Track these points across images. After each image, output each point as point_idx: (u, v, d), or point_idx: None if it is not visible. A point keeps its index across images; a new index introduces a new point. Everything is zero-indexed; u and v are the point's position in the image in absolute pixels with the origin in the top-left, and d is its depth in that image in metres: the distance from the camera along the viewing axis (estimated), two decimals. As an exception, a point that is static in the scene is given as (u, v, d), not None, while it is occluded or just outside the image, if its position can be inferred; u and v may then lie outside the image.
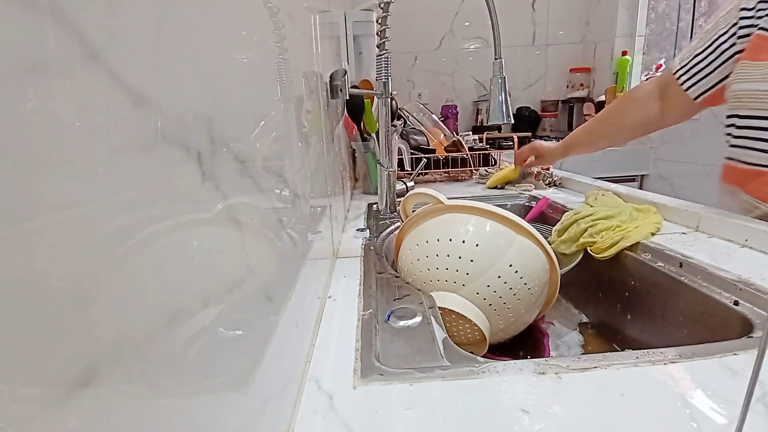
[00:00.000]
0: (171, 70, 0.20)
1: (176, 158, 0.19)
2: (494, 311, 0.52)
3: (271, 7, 0.38)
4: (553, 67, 2.62)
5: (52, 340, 0.12)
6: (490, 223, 0.54)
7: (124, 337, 0.15)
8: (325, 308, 0.50)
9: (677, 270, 0.58)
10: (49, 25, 0.12)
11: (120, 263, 0.15)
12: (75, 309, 0.12)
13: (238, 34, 0.31)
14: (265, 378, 0.27)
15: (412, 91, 2.58)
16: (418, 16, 2.45)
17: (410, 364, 0.38)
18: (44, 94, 0.12)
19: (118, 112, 0.15)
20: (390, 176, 0.91)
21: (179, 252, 0.19)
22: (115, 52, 0.15)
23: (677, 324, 0.56)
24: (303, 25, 0.55)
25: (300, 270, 0.40)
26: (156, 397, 0.17)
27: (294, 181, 0.43)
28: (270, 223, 0.34)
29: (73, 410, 0.12)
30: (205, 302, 0.21)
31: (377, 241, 0.74)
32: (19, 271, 0.11)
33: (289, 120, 0.42)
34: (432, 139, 1.35)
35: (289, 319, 0.34)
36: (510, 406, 0.32)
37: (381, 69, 0.84)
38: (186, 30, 0.22)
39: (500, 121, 0.73)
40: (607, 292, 0.70)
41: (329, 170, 0.67)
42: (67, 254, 0.12)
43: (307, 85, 0.54)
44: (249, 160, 0.30)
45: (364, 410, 0.32)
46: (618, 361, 0.36)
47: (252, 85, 0.33)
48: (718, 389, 0.33)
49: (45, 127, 0.12)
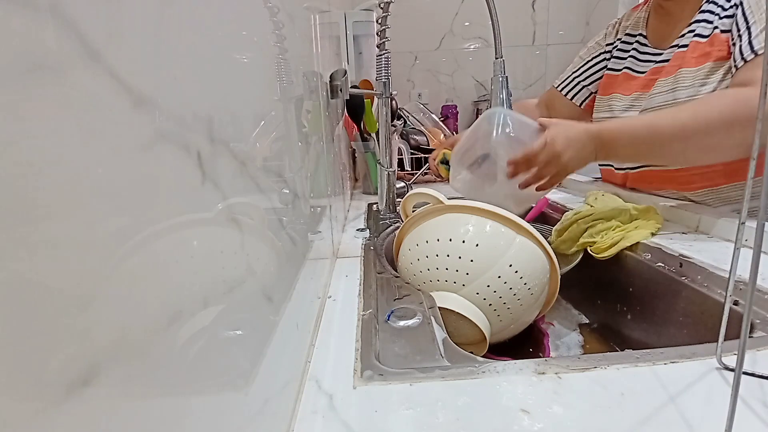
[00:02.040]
0: (171, 70, 0.20)
1: (176, 158, 0.19)
2: (494, 311, 0.52)
3: (271, 7, 0.38)
4: (553, 67, 2.61)
5: (52, 340, 0.12)
6: (490, 223, 0.54)
7: (124, 337, 0.15)
8: (325, 308, 0.50)
9: (677, 270, 0.58)
10: (49, 25, 0.12)
11: (120, 263, 0.15)
12: (75, 309, 0.12)
13: (238, 34, 0.31)
14: (265, 378, 0.27)
15: (412, 91, 2.58)
16: (418, 16, 2.45)
17: (410, 364, 0.38)
18: (44, 94, 0.12)
19: (118, 112, 0.15)
20: (390, 176, 0.91)
21: (179, 252, 0.19)
22: (115, 52, 0.15)
23: (677, 324, 0.56)
24: (303, 25, 0.55)
25: (300, 270, 0.40)
26: (156, 397, 0.17)
27: (294, 181, 0.43)
28: (270, 223, 0.34)
29: (73, 410, 0.12)
30: (205, 302, 0.21)
31: (377, 241, 0.74)
32: (19, 271, 0.11)
33: (289, 120, 0.42)
34: (432, 139, 1.35)
35: (289, 319, 0.34)
36: (510, 406, 0.32)
37: (381, 69, 0.84)
38: (186, 30, 0.22)
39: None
40: (607, 292, 0.70)
41: (329, 170, 0.67)
42: (67, 254, 0.12)
43: (307, 85, 0.54)
44: (249, 160, 0.30)
45: (364, 410, 0.32)
46: (618, 361, 0.36)
47: (252, 85, 0.33)
48: (718, 389, 0.33)
49: (45, 127, 0.12)
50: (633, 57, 0.89)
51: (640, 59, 0.87)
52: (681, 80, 0.76)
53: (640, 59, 0.87)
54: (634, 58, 0.89)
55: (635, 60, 0.88)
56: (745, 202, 0.30)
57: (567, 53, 2.58)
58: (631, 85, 0.87)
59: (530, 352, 0.62)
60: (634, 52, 0.89)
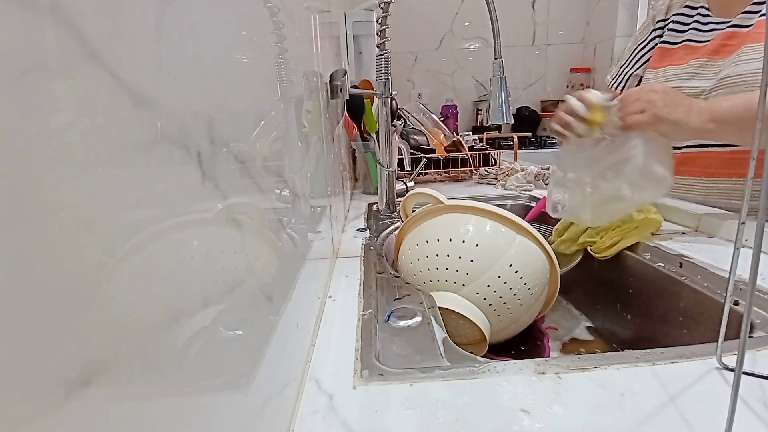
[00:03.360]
0: (171, 70, 0.20)
1: (176, 158, 0.19)
2: (494, 311, 0.52)
3: (271, 7, 0.38)
4: (553, 67, 2.62)
5: (52, 340, 0.12)
6: (490, 223, 0.54)
7: (125, 337, 0.15)
8: (325, 308, 0.50)
9: (677, 270, 0.58)
10: (49, 25, 0.12)
11: (120, 263, 0.15)
12: (75, 309, 0.12)
13: (238, 34, 0.31)
14: (265, 378, 0.27)
15: (412, 91, 2.58)
16: (418, 16, 2.45)
17: (410, 364, 0.38)
18: (44, 94, 0.12)
19: (118, 112, 0.15)
20: (390, 176, 0.91)
21: (179, 252, 0.19)
22: (115, 52, 0.15)
23: (677, 324, 0.56)
24: (303, 25, 0.55)
25: (300, 270, 0.40)
26: (156, 397, 0.17)
27: (294, 181, 0.43)
28: (270, 223, 0.34)
29: (73, 410, 0.12)
30: (205, 302, 0.21)
31: (377, 241, 0.74)
32: (19, 270, 0.11)
33: (289, 120, 0.42)
34: (432, 139, 1.35)
35: (289, 319, 0.34)
36: (510, 406, 0.32)
37: (381, 69, 0.84)
38: (186, 30, 0.22)
39: (500, 121, 0.73)
40: (607, 292, 0.70)
41: (329, 170, 0.67)
42: (67, 254, 0.12)
43: (307, 85, 0.54)
44: (249, 160, 0.30)
45: (364, 410, 0.32)
46: (618, 361, 0.36)
47: (252, 85, 0.33)
48: (718, 389, 0.33)
49: (45, 126, 0.12)
50: (695, 29, 0.84)
51: (703, 29, 0.83)
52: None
53: (702, 30, 0.83)
54: (696, 29, 0.84)
55: (697, 31, 0.84)
56: (744, 202, 0.30)
57: (567, 53, 2.59)
58: (693, 54, 0.83)
59: (530, 352, 0.62)
60: (696, 24, 0.84)
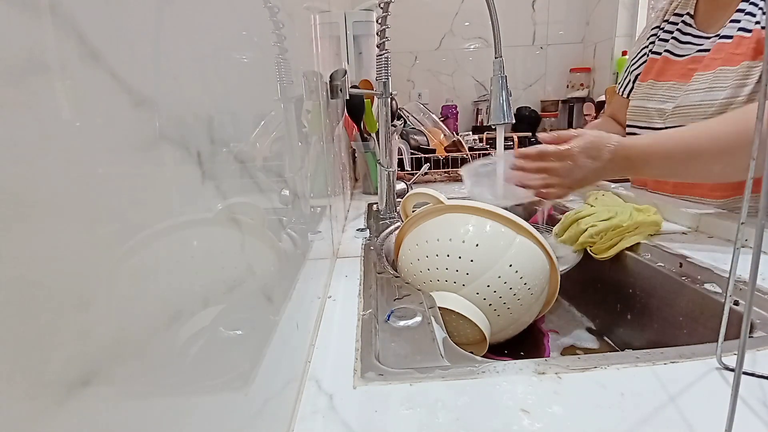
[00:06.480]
0: (171, 70, 0.20)
1: (176, 158, 0.19)
2: (494, 311, 0.52)
3: (271, 7, 0.38)
4: (553, 67, 2.62)
5: (52, 340, 0.12)
6: (490, 223, 0.54)
7: (125, 337, 0.15)
8: (325, 308, 0.50)
9: (677, 270, 0.58)
10: (49, 25, 0.12)
11: (120, 263, 0.15)
12: (75, 309, 0.12)
13: (238, 34, 0.31)
14: (265, 378, 0.27)
15: (412, 91, 2.58)
16: (418, 16, 2.45)
17: (410, 364, 0.38)
18: (44, 94, 0.12)
19: (118, 112, 0.15)
20: (390, 176, 0.91)
21: (179, 252, 0.19)
22: (115, 52, 0.15)
23: (677, 324, 0.56)
24: (303, 25, 0.55)
25: (300, 270, 0.40)
26: (156, 397, 0.17)
27: (294, 181, 0.43)
28: (270, 223, 0.34)
29: (73, 410, 0.12)
30: (205, 302, 0.21)
31: (377, 241, 0.74)
32: (19, 271, 0.11)
33: (289, 120, 0.42)
34: (432, 139, 1.35)
35: (289, 319, 0.34)
36: (510, 406, 0.32)
37: (381, 69, 0.84)
38: (186, 30, 0.22)
39: (501, 120, 0.73)
40: (607, 292, 0.70)
41: (329, 170, 0.67)
42: (67, 254, 0.12)
43: (307, 85, 0.54)
44: (249, 160, 0.30)
45: (364, 410, 0.32)
46: (618, 361, 0.36)
47: (252, 85, 0.33)
48: (718, 389, 0.33)
49: (45, 127, 0.12)
50: (675, 39, 0.84)
51: (682, 41, 0.83)
52: (720, 79, 0.72)
53: (681, 41, 0.83)
54: (676, 39, 0.84)
55: (677, 42, 0.84)
56: (744, 202, 0.30)
57: (567, 53, 2.59)
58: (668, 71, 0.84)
59: (530, 352, 0.62)
60: (677, 33, 0.84)
